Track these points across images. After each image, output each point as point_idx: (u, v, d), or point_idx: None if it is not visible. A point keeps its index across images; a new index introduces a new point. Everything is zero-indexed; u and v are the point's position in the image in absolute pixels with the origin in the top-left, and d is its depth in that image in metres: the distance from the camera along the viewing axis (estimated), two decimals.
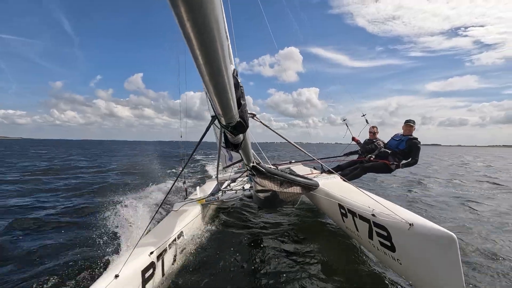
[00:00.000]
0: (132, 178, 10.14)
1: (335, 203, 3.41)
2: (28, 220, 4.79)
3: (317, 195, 4.01)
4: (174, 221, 3.49)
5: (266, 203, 3.68)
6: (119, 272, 2.03)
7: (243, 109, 1.96)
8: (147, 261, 2.40)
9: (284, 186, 3.00)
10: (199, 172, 12.66)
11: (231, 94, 1.42)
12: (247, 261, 3.10)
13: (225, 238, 3.88)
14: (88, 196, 7.10)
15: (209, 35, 0.87)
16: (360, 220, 2.85)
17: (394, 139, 5.02)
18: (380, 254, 2.63)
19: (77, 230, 4.47)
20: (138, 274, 2.26)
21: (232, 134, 2.11)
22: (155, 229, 3.22)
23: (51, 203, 6.21)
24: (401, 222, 2.22)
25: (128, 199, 4.92)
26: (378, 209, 2.55)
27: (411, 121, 4.80)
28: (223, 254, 3.31)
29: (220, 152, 4.09)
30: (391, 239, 2.37)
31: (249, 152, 3.02)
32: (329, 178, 4.56)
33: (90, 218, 4.98)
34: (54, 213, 5.40)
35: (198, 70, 1.10)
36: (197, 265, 3.05)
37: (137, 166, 14.78)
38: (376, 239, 2.58)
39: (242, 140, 2.49)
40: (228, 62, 1.11)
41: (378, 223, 2.51)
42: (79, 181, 9.70)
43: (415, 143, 4.59)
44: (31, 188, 8.05)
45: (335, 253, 3.07)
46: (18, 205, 6.00)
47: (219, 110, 1.62)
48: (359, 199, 3.00)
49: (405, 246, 2.26)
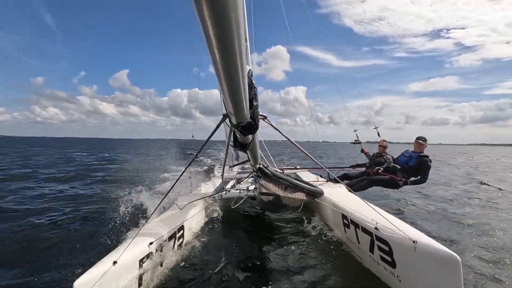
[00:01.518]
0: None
1: (339, 213, 3.37)
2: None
3: (321, 203, 3.98)
4: (177, 214, 3.53)
5: (268, 206, 3.68)
6: (117, 259, 2.07)
7: (255, 110, 1.97)
8: (146, 251, 2.43)
9: (289, 191, 2.99)
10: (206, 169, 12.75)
11: (244, 94, 1.44)
12: (245, 261, 3.10)
13: (225, 236, 3.89)
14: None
15: (228, 33, 0.89)
16: (362, 232, 2.81)
17: (404, 155, 4.94)
18: (379, 268, 2.58)
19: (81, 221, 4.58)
20: (136, 262, 2.30)
21: (242, 134, 2.13)
22: (156, 221, 3.26)
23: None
24: (404, 239, 2.18)
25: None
26: (381, 223, 2.51)
27: (422, 138, 4.72)
28: (222, 252, 3.32)
29: (228, 150, 4.13)
30: (393, 254, 2.32)
31: (257, 153, 3.03)
32: (335, 187, 4.52)
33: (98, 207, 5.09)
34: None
35: (214, 67, 1.12)
36: (195, 259, 3.07)
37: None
38: (377, 253, 2.53)
39: (250, 141, 2.51)
40: (244, 61, 1.13)
41: (380, 237, 2.46)
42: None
43: (425, 161, 4.50)
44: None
45: (334, 263, 3.03)
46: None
47: (231, 109, 1.64)
48: (363, 211, 2.96)
49: (407, 263, 2.21)
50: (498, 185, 9.09)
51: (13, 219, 4.62)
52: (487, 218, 4.91)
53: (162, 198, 3.16)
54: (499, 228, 4.32)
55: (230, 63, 1.07)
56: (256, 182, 3.81)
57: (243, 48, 1.03)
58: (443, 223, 4.58)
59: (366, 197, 3.65)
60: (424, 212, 5.32)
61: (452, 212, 5.31)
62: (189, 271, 2.85)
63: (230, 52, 0.99)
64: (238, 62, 1.08)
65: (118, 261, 2.07)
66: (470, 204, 6.13)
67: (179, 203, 3.98)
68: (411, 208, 5.64)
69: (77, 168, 12.75)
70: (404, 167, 4.73)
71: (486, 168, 16.53)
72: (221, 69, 1.12)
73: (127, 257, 2.21)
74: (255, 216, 4.86)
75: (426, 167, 4.48)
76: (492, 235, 4.01)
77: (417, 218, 4.83)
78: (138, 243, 2.43)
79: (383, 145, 5.45)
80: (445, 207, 5.74)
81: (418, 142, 4.71)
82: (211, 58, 1.05)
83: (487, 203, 6.25)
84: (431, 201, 6.35)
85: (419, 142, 4.69)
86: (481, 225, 4.44)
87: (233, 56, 1.02)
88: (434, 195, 7.10)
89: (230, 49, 0.97)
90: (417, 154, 4.66)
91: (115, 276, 2.04)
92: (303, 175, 6.28)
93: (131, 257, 2.26)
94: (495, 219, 4.89)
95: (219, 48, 0.96)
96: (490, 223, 4.58)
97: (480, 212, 5.39)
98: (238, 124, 1.93)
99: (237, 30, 0.89)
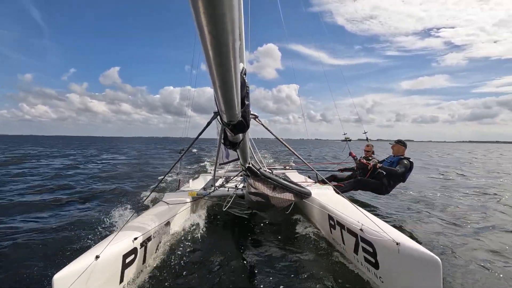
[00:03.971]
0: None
1: (325, 214, 3.42)
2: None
3: (308, 204, 4.02)
4: (163, 210, 3.48)
5: (257, 206, 3.68)
6: (100, 253, 2.02)
7: (246, 109, 1.96)
8: (130, 246, 2.39)
9: (277, 191, 3.00)
10: (195, 166, 12.65)
11: (236, 92, 1.43)
12: (230, 259, 3.09)
13: (212, 233, 3.87)
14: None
15: (223, 30, 0.88)
16: (347, 233, 2.86)
17: (387, 160, 5.05)
18: (362, 269, 2.64)
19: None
20: (119, 258, 2.25)
21: (232, 132, 2.12)
22: (142, 216, 3.21)
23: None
24: (388, 241, 2.23)
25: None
26: (366, 225, 2.56)
27: (400, 142, 4.90)
28: (207, 249, 3.30)
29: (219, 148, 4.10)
30: (376, 256, 2.37)
31: (247, 152, 3.03)
32: (322, 188, 4.57)
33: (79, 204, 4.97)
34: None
35: (207, 63, 1.11)
36: (179, 257, 3.04)
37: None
38: (361, 254, 2.58)
39: (241, 140, 2.50)
40: (238, 59, 1.12)
41: (365, 239, 2.51)
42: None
43: (403, 160, 4.65)
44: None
45: (318, 263, 3.07)
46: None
47: (222, 107, 1.63)
48: (349, 212, 3.01)
49: (389, 264, 2.27)
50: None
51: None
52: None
53: (149, 194, 3.11)
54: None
55: (223, 60, 1.06)
56: (245, 181, 3.81)
57: (237, 45, 1.02)
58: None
59: (353, 199, 3.72)
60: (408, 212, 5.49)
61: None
62: (173, 268, 2.82)
63: (224, 49, 0.99)
64: (232, 60, 1.07)
65: (101, 256, 2.02)
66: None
67: (166, 200, 3.92)
68: (396, 210, 5.79)
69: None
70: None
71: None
72: (214, 66, 1.11)
73: (110, 252, 2.16)
74: (243, 214, 4.86)
75: (404, 165, 4.58)
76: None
77: (401, 220, 4.97)
78: (122, 238, 2.38)
79: (368, 149, 5.58)
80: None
81: (396, 145, 4.90)
82: (204, 54, 1.03)
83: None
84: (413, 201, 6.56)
85: (398, 145, 4.88)
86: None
87: (226, 54, 1.02)
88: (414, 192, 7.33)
89: (224, 46, 0.97)
90: (398, 157, 4.79)
91: (97, 271, 1.99)
92: (291, 175, 6.33)
93: (114, 252, 2.21)
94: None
95: (213, 44, 0.95)
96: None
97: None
98: (229, 123, 1.92)
99: (232, 27, 0.89)
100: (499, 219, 4.94)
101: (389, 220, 4.62)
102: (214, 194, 4.36)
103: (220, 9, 0.79)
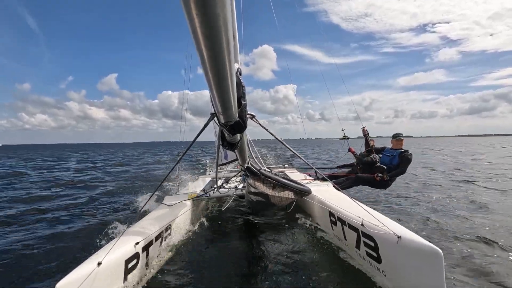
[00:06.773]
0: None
1: (326, 211, 3.43)
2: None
3: (309, 201, 4.02)
4: (163, 214, 3.47)
5: (257, 205, 3.67)
6: (102, 260, 2.02)
7: (243, 109, 1.96)
8: (132, 251, 2.38)
9: (277, 190, 2.99)
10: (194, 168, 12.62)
11: (232, 92, 1.43)
12: (233, 260, 3.09)
13: (213, 235, 3.87)
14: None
15: (216, 30, 0.88)
16: (349, 229, 2.86)
17: (386, 154, 5.04)
18: (365, 264, 2.64)
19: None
20: (121, 263, 2.24)
21: (230, 133, 2.12)
22: (143, 220, 3.20)
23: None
24: (389, 234, 2.24)
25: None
26: (367, 219, 2.57)
27: (399, 135, 4.89)
28: (209, 251, 3.30)
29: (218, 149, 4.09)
30: (378, 250, 2.38)
31: (245, 152, 3.02)
32: (322, 185, 4.58)
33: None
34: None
35: (202, 65, 1.11)
36: (182, 260, 3.04)
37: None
38: (363, 249, 2.59)
39: (239, 140, 2.49)
40: (232, 59, 1.12)
41: (366, 233, 2.52)
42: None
43: (406, 156, 4.65)
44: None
45: (321, 260, 3.07)
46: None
47: (219, 108, 1.62)
48: (349, 208, 3.02)
49: (391, 258, 2.28)
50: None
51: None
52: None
53: (148, 198, 3.10)
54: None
55: (218, 61, 1.06)
56: (245, 181, 3.80)
57: (231, 45, 1.02)
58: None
59: (353, 195, 3.73)
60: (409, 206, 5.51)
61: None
62: (176, 271, 2.81)
63: (218, 50, 0.98)
64: (226, 60, 1.07)
65: (103, 262, 2.01)
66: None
67: (167, 203, 3.91)
68: (396, 203, 5.81)
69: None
70: (390, 167, 4.84)
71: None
72: (209, 67, 1.10)
73: (112, 258, 2.16)
74: (244, 215, 4.86)
75: (407, 161, 4.61)
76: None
77: (401, 213, 4.99)
78: (123, 244, 2.37)
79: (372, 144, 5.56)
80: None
81: (396, 139, 4.89)
82: (198, 56, 1.03)
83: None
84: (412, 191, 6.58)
85: (398, 139, 4.87)
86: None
87: (221, 54, 1.01)
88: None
89: (218, 47, 0.96)
90: (398, 151, 4.79)
91: (100, 278, 1.98)
92: (291, 174, 6.32)
93: (116, 257, 2.20)
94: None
95: (207, 46, 0.94)
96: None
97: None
98: (226, 123, 1.92)
99: (225, 27, 0.89)
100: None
101: (389, 213, 4.65)
102: (214, 195, 4.35)
103: (213, 9, 0.78)
